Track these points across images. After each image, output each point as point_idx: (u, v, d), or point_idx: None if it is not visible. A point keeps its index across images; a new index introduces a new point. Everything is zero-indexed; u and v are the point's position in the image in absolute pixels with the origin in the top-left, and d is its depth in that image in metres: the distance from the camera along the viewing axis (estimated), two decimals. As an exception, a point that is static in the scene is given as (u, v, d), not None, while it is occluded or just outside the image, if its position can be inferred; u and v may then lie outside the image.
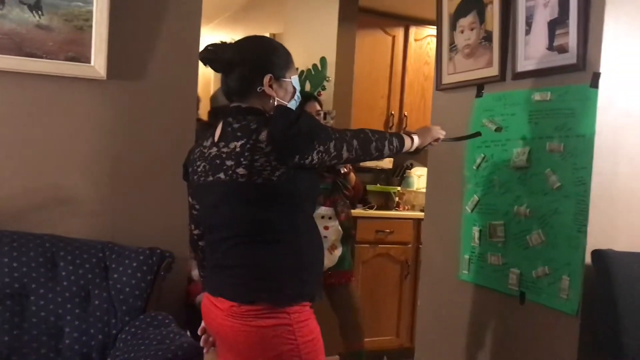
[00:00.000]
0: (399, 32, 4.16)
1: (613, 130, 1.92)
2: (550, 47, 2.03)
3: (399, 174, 4.38)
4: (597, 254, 1.86)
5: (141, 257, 2.20)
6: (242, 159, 1.63)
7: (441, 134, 1.99)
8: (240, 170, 1.63)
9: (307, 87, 3.64)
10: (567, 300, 1.94)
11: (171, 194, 2.49)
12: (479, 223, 2.33)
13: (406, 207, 4.21)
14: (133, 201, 2.44)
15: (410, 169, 4.37)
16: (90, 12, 2.28)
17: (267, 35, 4.48)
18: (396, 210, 4.12)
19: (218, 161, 1.69)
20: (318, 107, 2.90)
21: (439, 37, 2.57)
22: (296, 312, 1.64)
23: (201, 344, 1.83)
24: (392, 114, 4.15)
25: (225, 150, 1.68)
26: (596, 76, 1.89)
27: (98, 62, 2.30)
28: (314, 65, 2.87)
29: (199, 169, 1.76)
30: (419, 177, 4.30)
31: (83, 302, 2.13)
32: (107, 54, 2.31)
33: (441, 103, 2.62)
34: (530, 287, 2.09)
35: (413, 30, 4.19)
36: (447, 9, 2.51)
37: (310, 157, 1.63)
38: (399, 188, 4.28)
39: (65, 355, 2.07)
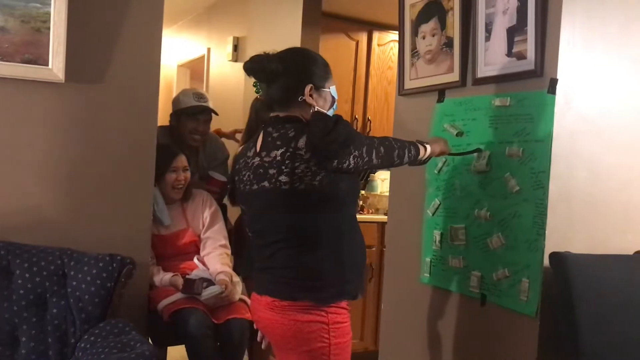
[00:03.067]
0: (363, 37, 4.19)
1: (570, 135, 1.97)
2: (509, 54, 2.07)
3: (363, 178, 4.41)
4: (555, 256, 1.90)
5: (101, 263, 2.15)
6: (283, 167, 1.71)
7: (448, 147, 2.11)
8: (283, 178, 1.71)
9: None
10: (527, 302, 1.98)
11: (131, 199, 2.46)
12: (440, 226, 2.36)
13: (370, 211, 4.23)
14: (92, 207, 2.40)
15: (374, 173, 4.40)
16: (48, 13, 2.23)
17: (231, 38, 4.46)
18: (360, 213, 4.13)
19: (261, 170, 1.77)
20: None
21: (401, 42, 2.59)
22: (334, 313, 1.73)
23: (258, 338, 1.94)
24: (356, 118, 4.17)
25: (267, 159, 1.76)
26: (553, 82, 1.94)
27: (56, 65, 2.25)
28: None
29: (245, 178, 1.84)
30: (382, 180, 4.34)
31: (40, 310, 2.08)
32: (65, 56, 2.26)
33: (404, 108, 2.64)
34: (490, 290, 2.12)
35: (376, 35, 4.22)
36: (409, 14, 2.53)
37: (347, 162, 1.70)
38: (363, 192, 4.31)
39: (21, 366, 2.02)
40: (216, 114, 3.21)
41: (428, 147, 1.98)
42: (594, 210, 2.04)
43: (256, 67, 1.82)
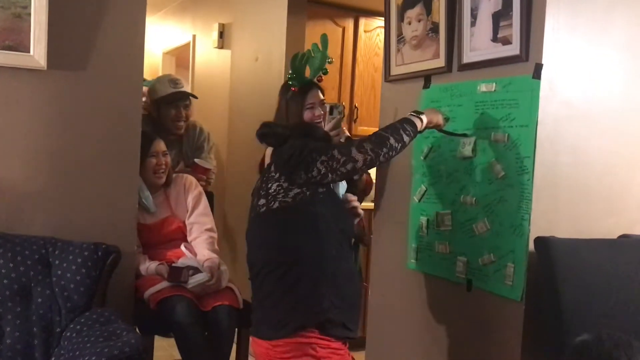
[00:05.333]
0: (349, 24, 4.16)
1: (555, 120, 1.97)
2: (495, 39, 2.06)
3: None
4: (540, 241, 1.91)
5: (86, 252, 2.14)
6: (261, 191, 1.80)
7: (443, 120, 2.11)
8: (261, 201, 1.79)
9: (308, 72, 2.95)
10: (512, 286, 1.99)
11: (116, 187, 2.44)
12: (426, 212, 2.36)
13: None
14: (76, 195, 2.37)
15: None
16: (29, -1, 2.19)
17: (217, 25, 4.41)
18: (347, 200, 4.12)
19: (251, 207, 1.89)
20: (321, 96, 2.60)
21: (387, 28, 2.58)
22: (326, 347, 1.72)
23: None
24: (343, 105, 4.15)
25: (254, 192, 1.90)
26: (538, 67, 1.94)
27: (37, 52, 2.22)
28: (314, 45, 2.66)
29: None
30: (369, 167, 4.33)
31: (24, 300, 2.06)
32: (47, 42, 2.22)
33: (390, 94, 2.64)
34: (476, 275, 2.13)
35: (363, 21, 4.20)
36: (395, 0, 2.52)
37: (315, 169, 1.73)
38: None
39: (5, 356, 2.00)
40: (195, 97, 3.16)
41: (424, 117, 1.99)
42: (578, 195, 2.05)
43: (267, 131, 1.93)
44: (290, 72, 2.53)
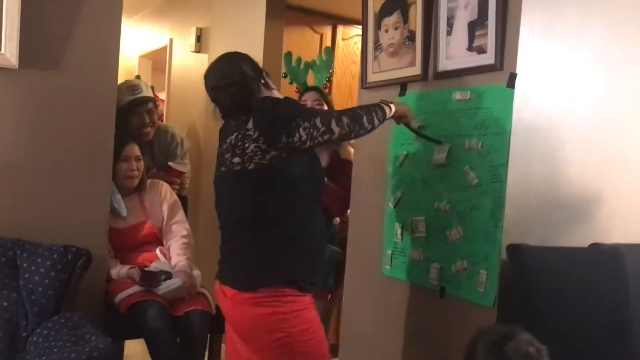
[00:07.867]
0: (327, 31, 4.17)
1: (528, 129, 1.99)
2: (470, 48, 2.08)
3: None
4: (512, 248, 1.93)
5: (55, 255, 2.10)
6: (236, 149, 1.79)
7: (411, 114, 2.13)
8: (235, 160, 1.79)
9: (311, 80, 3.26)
10: (485, 293, 2.00)
11: (87, 189, 2.41)
12: (401, 219, 2.37)
13: (333, 205, 4.22)
14: (46, 196, 2.33)
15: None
16: (0, -4, 2.16)
17: (194, 29, 4.39)
18: (323, 206, 4.12)
19: (221, 157, 1.88)
20: (315, 96, 2.84)
21: (364, 35, 2.59)
22: (290, 302, 1.77)
23: None
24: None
25: (224, 146, 1.86)
26: (513, 76, 1.96)
27: (9, 50, 2.18)
28: (319, 56, 2.91)
29: (215, 169, 1.95)
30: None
31: (-10, 303, 2.02)
32: (19, 41, 2.19)
33: (366, 101, 2.63)
34: (450, 282, 2.14)
35: (341, 29, 4.21)
36: (372, 7, 2.53)
37: (297, 135, 1.74)
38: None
39: (-30, 360, 1.96)
40: (155, 101, 3.12)
41: (392, 106, 2.03)
42: (550, 203, 2.07)
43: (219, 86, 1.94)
44: (286, 71, 2.63)
